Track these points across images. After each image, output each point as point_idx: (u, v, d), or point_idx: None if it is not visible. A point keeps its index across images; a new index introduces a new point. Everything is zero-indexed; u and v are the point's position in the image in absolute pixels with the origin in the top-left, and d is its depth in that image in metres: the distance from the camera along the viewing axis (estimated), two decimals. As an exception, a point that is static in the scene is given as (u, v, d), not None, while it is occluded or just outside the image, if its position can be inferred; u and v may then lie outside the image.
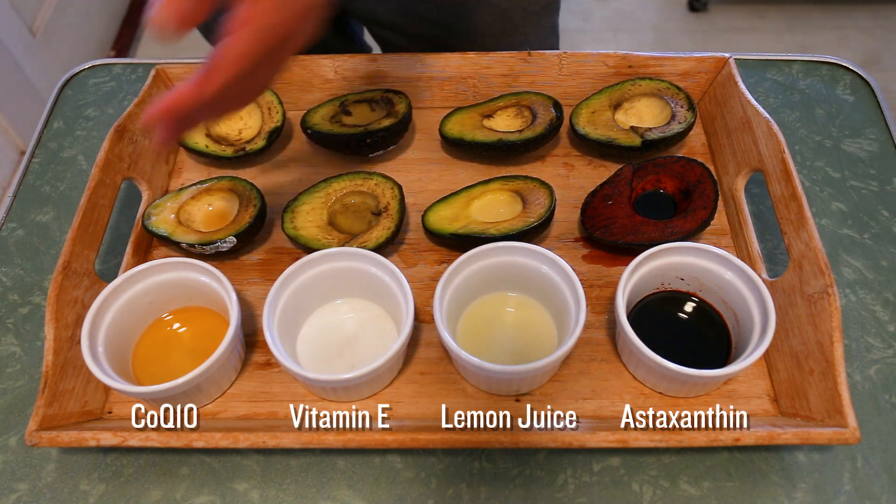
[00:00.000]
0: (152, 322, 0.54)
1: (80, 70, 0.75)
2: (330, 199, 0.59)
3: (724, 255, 0.50)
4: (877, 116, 0.68)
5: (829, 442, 0.45)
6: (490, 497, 0.48)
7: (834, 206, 0.62)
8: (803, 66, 0.73)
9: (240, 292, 0.56)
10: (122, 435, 0.45)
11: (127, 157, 0.59)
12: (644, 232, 0.56)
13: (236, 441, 0.45)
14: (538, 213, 0.56)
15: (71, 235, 0.52)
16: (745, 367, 0.46)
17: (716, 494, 0.48)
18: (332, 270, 0.52)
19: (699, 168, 0.59)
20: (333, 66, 0.67)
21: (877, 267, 0.58)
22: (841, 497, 0.48)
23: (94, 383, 0.51)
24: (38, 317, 0.57)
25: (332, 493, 0.48)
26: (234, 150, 0.63)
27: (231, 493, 0.48)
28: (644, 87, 0.64)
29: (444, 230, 0.57)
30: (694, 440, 0.44)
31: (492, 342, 0.52)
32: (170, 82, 0.67)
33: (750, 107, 0.59)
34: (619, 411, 0.48)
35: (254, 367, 0.53)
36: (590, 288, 0.56)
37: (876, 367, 0.53)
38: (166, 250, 0.60)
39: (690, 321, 0.53)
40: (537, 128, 0.62)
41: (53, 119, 0.71)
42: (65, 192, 0.65)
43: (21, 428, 0.52)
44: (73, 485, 0.49)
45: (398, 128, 0.62)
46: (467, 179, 0.63)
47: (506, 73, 0.66)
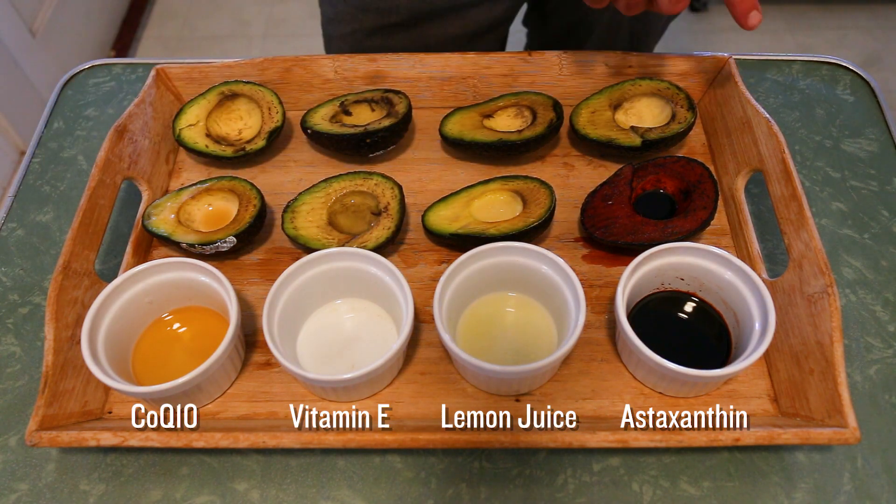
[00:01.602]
0: (152, 322, 0.54)
1: (80, 70, 0.75)
2: (330, 199, 0.59)
3: (724, 255, 0.50)
4: (877, 116, 0.68)
5: (829, 442, 0.45)
6: (490, 497, 0.48)
7: (834, 206, 0.62)
8: (803, 66, 0.73)
9: (240, 292, 0.57)
10: (122, 435, 0.45)
11: (127, 157, 0.59)
12: (644, 232, 0.56)
13: (236, 441, 0.45)
14: (538, 213, 0.56)
15: (71, 235, 0.52)
16: (745, 367, 0.46)
17: (716, 494, 0.48)
18: (332, 270, 0.52)
19: (699, 168, 0.59)
20: (333, 66, 0.67)
21: (877, 267, 0.58)
22: (841, 497, 0.48)
23: (94, 383, 0.51)
24: (38, 317, 0.57)
25: (332, 493, 0.48)
26: (234, 150, 0.63)
27: (231, 493, 0.48)
28: (644, 87, 0.64)
29: (444, 230, 0.57)
30: (694, 440, 0.44)
31: (492, 342, 0.52)
32: (170, 82, 0.67)
33: (750, 107, 0.59)
34: (619, 411, 0.48)
35: (254, 367, 0.53)
36: (590, 288, 0.56)
37: (876, 367, 0.53)
38: (166, 250, 0.60)
39: (690, 321, 0.53)
40: (537, 128, 0.62)
41: (53, 119, 0.71)
42: (65, 192, 0.65)
43: (21, 428, 0.52)
44: (73, 485, 0.49)
45: (398, 128, 0.62)
46: (467, 179, 0.63)
47: (506, 73, 0.66)
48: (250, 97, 0.65)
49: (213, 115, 0.65)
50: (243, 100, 0.65)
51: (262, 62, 0.66)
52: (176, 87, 0.67)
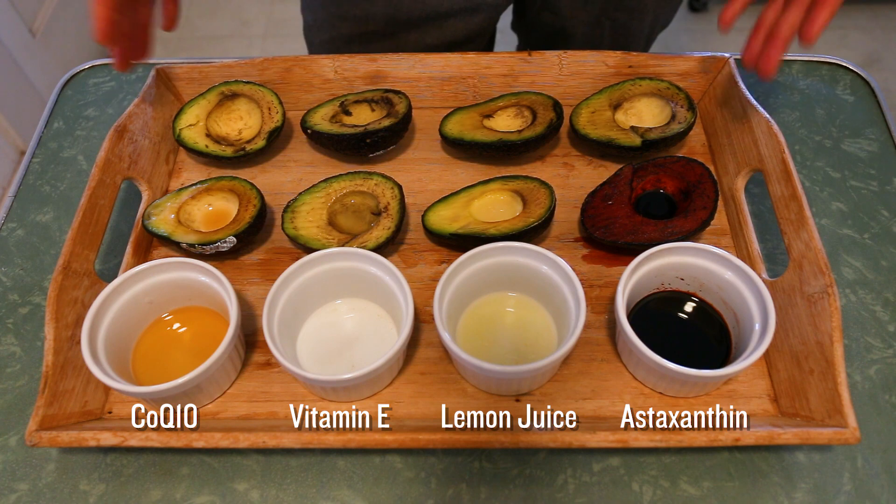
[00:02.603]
0: (152, 322, 0.54)
1: (80, 70, 0.75)
2: (330, 199, 0.59)
3: (724, 255, 0.50)
4: (877, 116, 0.68)
5: (829, 442, 0.45)
6: (490, 497, 0.48)
7: (834, 206, 0.62)
8: (803, 66, 0.73)
9: (240, 292, 0.57)
10: (122, 435, 0.45)
11: (127, 157, 0.59)
12: (644, 232, 0.56)
13: (236, 441, 0.45)
14: (538, 213, 0.56)
15: (71, 235, 0.52)
16: (745, 367, 0.46)
17: (716, 494, 0.48)
18: (332, 270, 0.52)
19: (699, 168, 0.59)
20: (333, 66, 0.67)
21: (877, 267, 0.58)
22: (841, 497, 0.48)
23: (94, 383, 0.51)
24: (38, 317, 0.57)
25: (332, 493, 0.48)
26: (234, 150, 0.63)
27: (231, 493, 0.48)
28: (644, 87, 0.64)
29: (444, 230, 0.57)
30: (694, 440, 0.44)
31: (492, 342, 0.52)
32: (170, 82, 0.67)
33: (750, 107, 0.59)
34: (619, 411, 0.48)
35: (254, 367, 0.53)
36: (590, 288, 0.56)
37: (876, 367, 0.53)
38: (166, 250, 0.60)
39: (690, 321, 0.53)
40: (537, 128, 0.62)
41: (53, 119, 0.71)
42: (65, 192, 0.65)
43: (21, 428, 0.52)
44: (73, 485, 0.49)
45: (398, 128, 0.62)
46: (467, 179, 0.63)
47: (506, 73, 0.66)
48: (250, 97, 0.65)
49: (213, 115, 0.65)
50: (243, 100, 0.65)
51: (262, 62, 0.66)
52: (176, 87, 0.67)
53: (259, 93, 0.65)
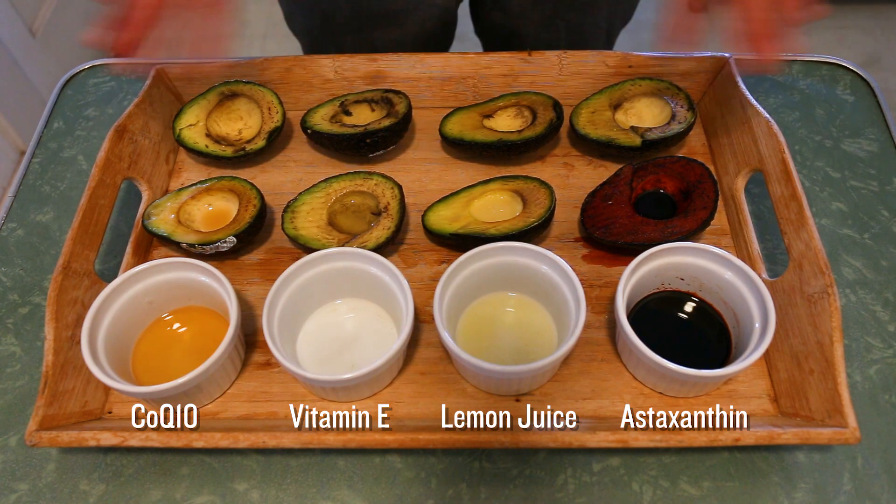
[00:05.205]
0: (152, 322, 0.54)
1: (80, 70, 0.75)
2: (330, 199, 0.59)
3: (724, 255, 0.50)
4: (877, 116, 0.68)
5: (829, 442, 0.45)
6: (490, 497, 0.48)
7: (834, 206, 0.62)
8: (803, 66, 0.73)
9: (240, 292, 0.57)
10: (122, 435, 0.45)
11: (127, 157, 0.59)
12: (644, 232, 0.56)
13: (236, 441, 0.45)
14: (538, 213, 0.56)
15: (71, 235, 0.52)
16: (745, 367, 0.46)
17: (716, 494, 0.48)
18: (332, 270, 0.52)
19: (699, 168, 0.59)
20: (333, 66, 0.67)
21: (877, 267, 0.58)
22: (841, 497, 0.48)
23: (94, 383, 0.51)
24: (38, 317, 0.57)
25: (332, 493, 0.48)
26: (234, 150, 0.63)
27: (231, 493, 0.48)
28: (644, 87, 0.64)
29: (444, 230, 0.57)
30: (694, 440, 0.44)
31: (492, 342, 0.52)
32: (170, 82, 0.67)
33: (750, 107, 0.59)
34: (619, 411, 0.48)
35: (254, 367, 0.53)
36: (590, 288, 0.56)
37: (876, 367, 0.53)
38: (166, 250, 0.60)
39: (690, 321, 0.53)
40: (537, 128, 0.62)
41: (53, 119, 0.71)
42: (65, 192, 0.65)
43: (21, 428, 0.52)
44: (73, 485, 0.49)
45: (398, 128, 0.62)
46: (467, 179, 0.63)
47: (506, 73, 0.66)
48: (250, 97, 0.65)
49: (213, 115, 0.65)
50: (243, 100, 0.65)
51: (262, 62, 0.66)
52: (176, 87, 0.67)
53: (259, 93, 0.65)
